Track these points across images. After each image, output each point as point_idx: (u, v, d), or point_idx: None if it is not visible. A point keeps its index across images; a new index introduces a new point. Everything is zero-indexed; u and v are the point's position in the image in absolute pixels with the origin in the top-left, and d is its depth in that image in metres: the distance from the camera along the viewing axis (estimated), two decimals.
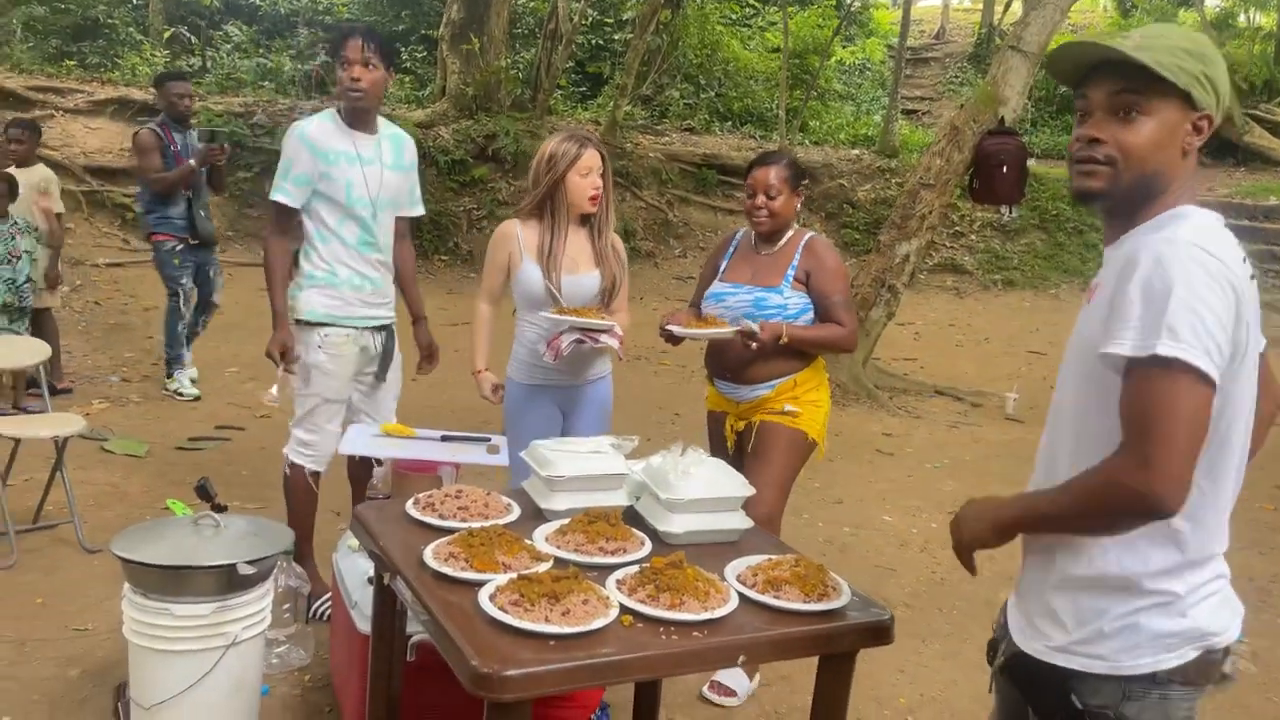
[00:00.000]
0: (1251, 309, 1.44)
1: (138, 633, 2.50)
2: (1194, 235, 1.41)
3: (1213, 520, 1.50)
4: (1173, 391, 1.32)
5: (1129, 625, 1.48)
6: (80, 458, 4.80)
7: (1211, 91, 1.46)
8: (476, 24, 11.99)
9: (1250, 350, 1.46)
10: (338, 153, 3.29)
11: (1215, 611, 1.50)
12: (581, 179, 3.14)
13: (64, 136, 10.28)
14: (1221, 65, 1.47)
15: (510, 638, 1.71)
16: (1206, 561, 1.51)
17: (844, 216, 12.85)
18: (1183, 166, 1.48)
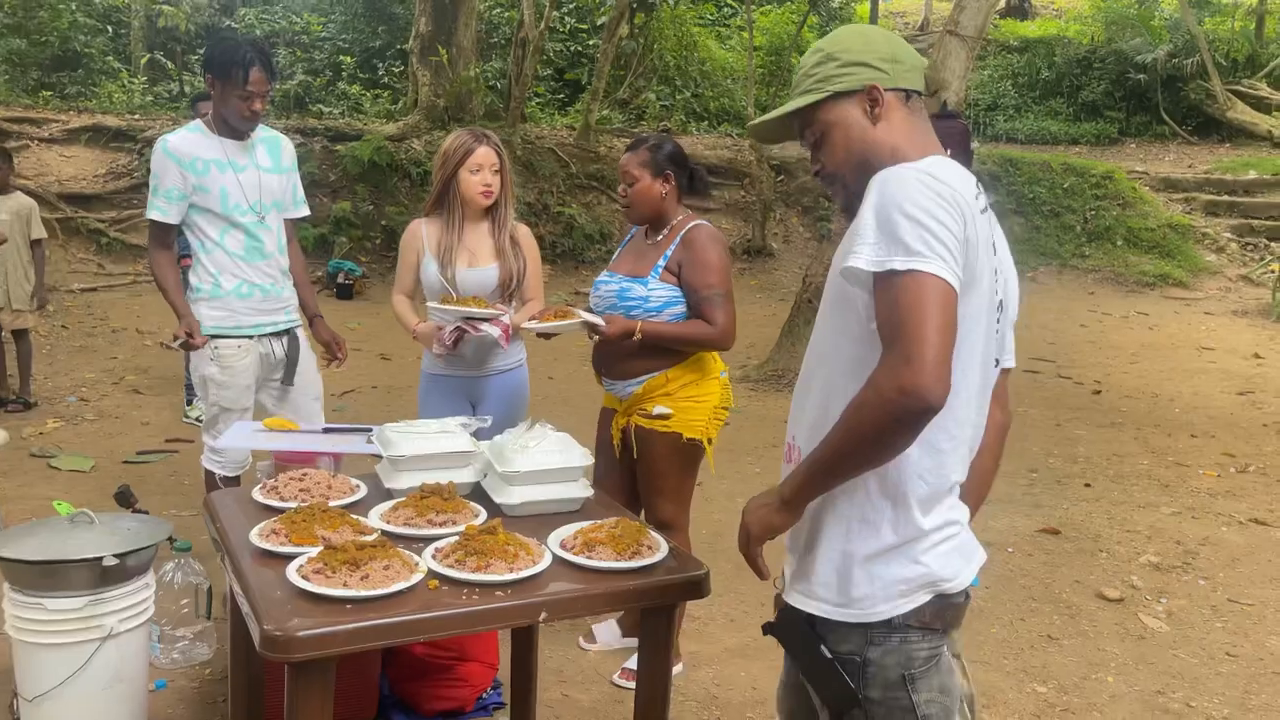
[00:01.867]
0: (983, 241, 1.48)
1: (18, 628, 2.57)
2: (920, 164, 1.48)
3: (948, 449, 1.53)
4: (918, 293, 1.36)
5: (868, 574, 1.52)
6: (24, 474, 4.89)
7: (858, 67, 1.56)
8: (445, 36, 12.12)
9: (982, 279, 1.48)
10: (207, 161, 3.28)
11: (947, 557, 1.55)
12: (472, 175, 3.19)
13: (39, 165, 10.45)
14: (854, 41, 1.59)
15: (308, 603, 1.77)
16: (937, 504, 1.54)
17: (820, 210, 12.89)
18: (884, 130, 1.56)
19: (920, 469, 1.51)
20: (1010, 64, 17.39)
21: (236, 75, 3.21)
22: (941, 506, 1.55)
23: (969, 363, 1.51)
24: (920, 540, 1.52)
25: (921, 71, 1.61)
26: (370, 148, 10.90)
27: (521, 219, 3.50)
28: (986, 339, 1.55)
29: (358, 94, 13.62)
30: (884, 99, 1.55)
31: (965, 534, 1.60)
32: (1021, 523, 4.73)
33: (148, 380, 6.87)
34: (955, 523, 1.58)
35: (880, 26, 1.62)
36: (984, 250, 1.49)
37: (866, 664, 1.53)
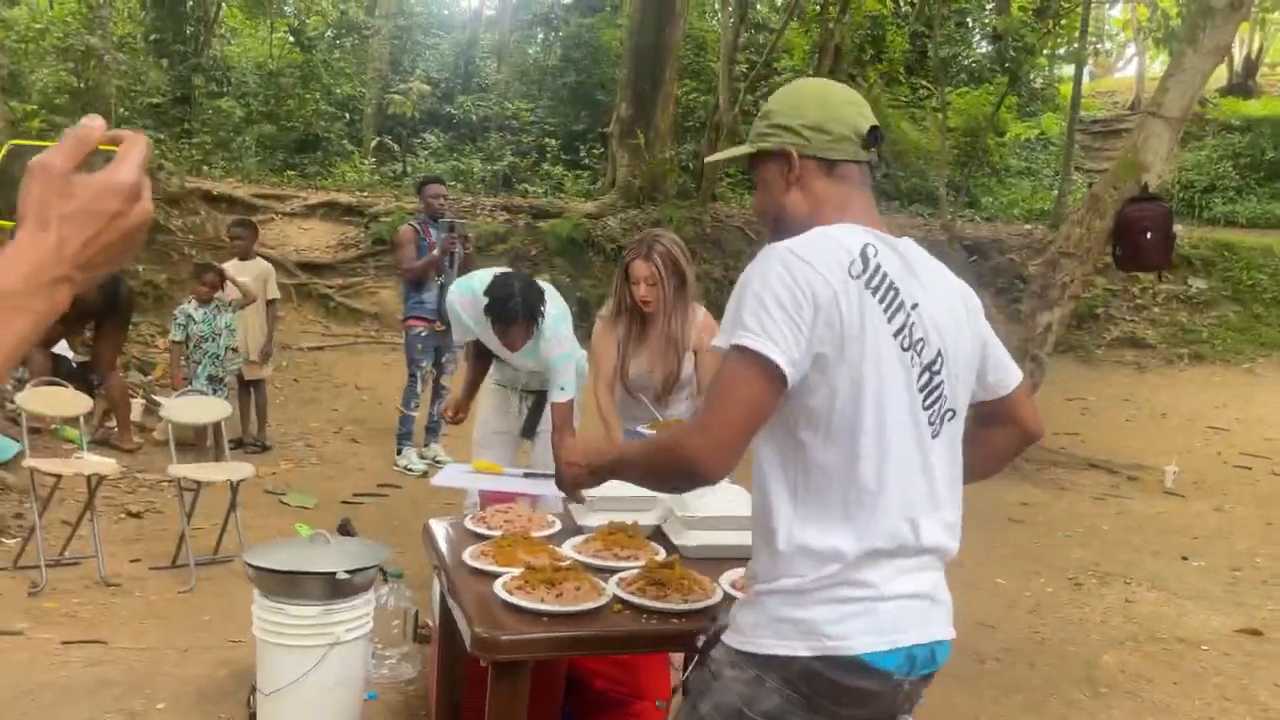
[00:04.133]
0: (864, 309, 1.46)
1: (262, 629, 2.97)
2: (789, 243, 1.50)
3: (839, 513, 1.48)
4: (735, 372, 1.43)
5: (757, 604, 1.54)
6: (261, 507, 5.50)
7: (782, 131, 1.61)
8: (644, 120, 12.77)
9: (869, 347, 1.46)
10: (485, 335, 3.78)
11: (839, 618, 1.48)
12: (634, 287, 3.41)
13: (281, 236, 11.67)
14: (786, 104, 1.63)
15: (511, 614, 2.03)
16: (828, 560, 1.48)
17: (1014, 291, 12.60)
18: (799, 195, 1.61)
19: (790, 521, 1.50)
20: (1231, 144, 16.53)
21: (500, 325, 3.57)
22: (838, 563, 1.48)
23: (871, 428, 1.47)
24: (799, 589, 1.49)
25: (855, 143, 1.60)
26: (570, 225, 11.57)
27: (708, 295, 3.71)
28: (906, 399, 1.51)
29: (560, 174, 14.47)
30: (797, 166, 1.59)
31: (887, 605, 1.50)
32: (1219, 621, 4.53)
33: (364, 431, 7.53)
34: (853, 584, 1.48)
35: (841, 90, 1.68)
36: (868, 317, 1.47)
37: (717, 676, 1.53)
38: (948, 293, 1.62)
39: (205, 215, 11.37)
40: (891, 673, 1.49)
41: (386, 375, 9.37)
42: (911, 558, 1.53)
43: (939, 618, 1.58)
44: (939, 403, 1.55)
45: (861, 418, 1.47)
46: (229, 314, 6.41)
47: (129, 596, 4.16)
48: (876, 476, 1.48)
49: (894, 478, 1.49)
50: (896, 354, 1.50)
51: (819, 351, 1.45)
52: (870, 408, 1.47)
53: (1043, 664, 3.95)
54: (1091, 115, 18.74)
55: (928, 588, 1.56)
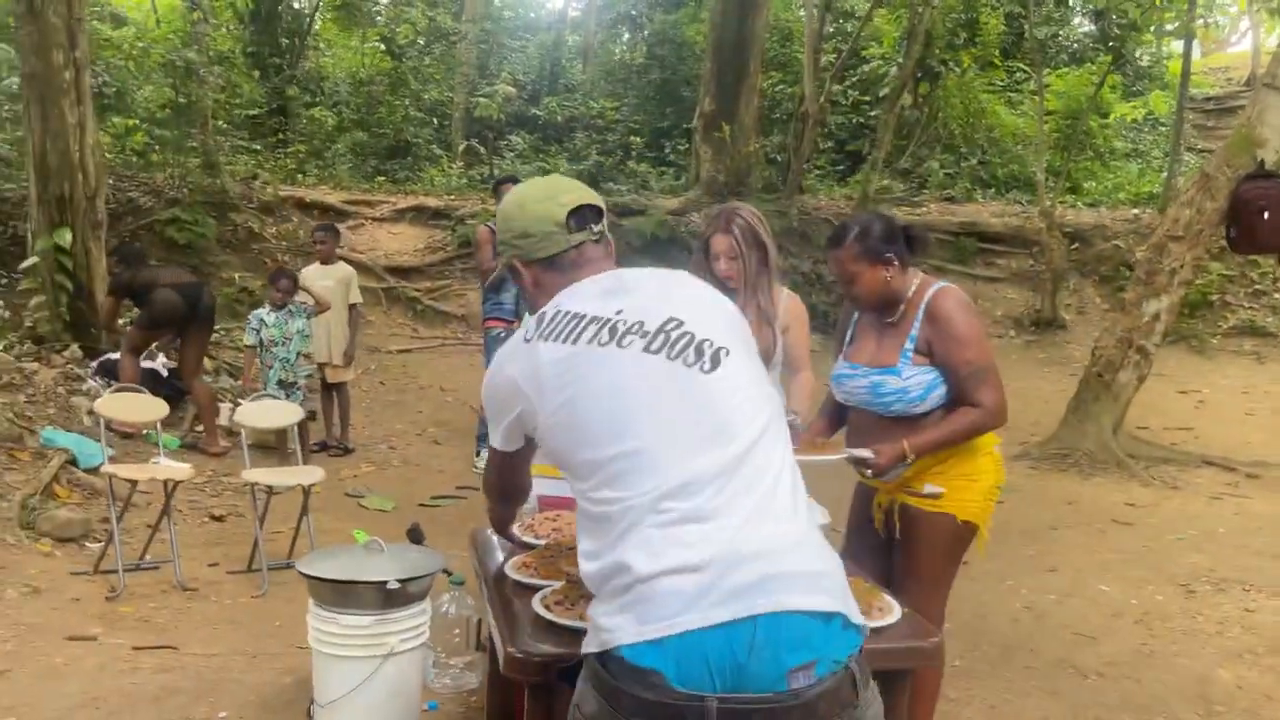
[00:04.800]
0: (526, 368, 1.64)
1: (317, 639, 2.91)
2: (503, 349, 1.75)
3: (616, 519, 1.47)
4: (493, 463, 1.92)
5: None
6: (339, 511, 5.52)
7: (505, 245, 1.82)
8: (728, 113, 12.57)
9: (549, 388, 1.59)
10: None
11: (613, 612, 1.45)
12: (714, 262, 3.24)
13: (370, 241, 11.85)
14: (501, 221, 1.82)
15: (548, 631, 1.90)
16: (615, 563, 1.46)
17: (1119, 279, 11.99)
18: (539, 297, 1.77)
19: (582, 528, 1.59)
20: None
21: None
22: (607, 550, 1.48)
23: (601, 435, 1.52)
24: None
25: (560, 231, 1.73)
26: (654, 222, 11.45)
27: (797, 289, 3.49)
28: (647, 368, 1.54)
29: (645, 172, 14.36)
30: (525, 271, 1.79)
31: (642, 587, 1.39)
32: None
33: (446, 433, 7.55)
34: (622, 567, 1.43)
35: (539, 186, 1.83)
36: (542, 361, 1.61)
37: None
38: (662, 283, 1.72)
39: (298, 222, 11.63)
40: (661, 673, 1.32)
41: (471, 377, 9.39)
42: (693, 523, 1.39)
43: (771, 585, 1.35)
44: (689, 345, 1.55)
45: (589, 431, 1.54)
46: (302, 319, 6.44)
47: (204, 601, 4.19)
48: (638, 479, 1.46)
49: (652, 436, 1.49)
50: (595, 354, 1.57)
51: (525, 419, 1.66)
52: (596, 421, 1.53)
53: (1151, 679, 3.65)
54: (1203, 92, 17.80)
55: (749, 549, 1.37)
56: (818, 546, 1.45)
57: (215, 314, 6.74)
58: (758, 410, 1.53)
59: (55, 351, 7.09)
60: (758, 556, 1.36)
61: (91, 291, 7.42)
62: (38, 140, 7.22)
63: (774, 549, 1.38)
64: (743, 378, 1.56)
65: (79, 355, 7.10)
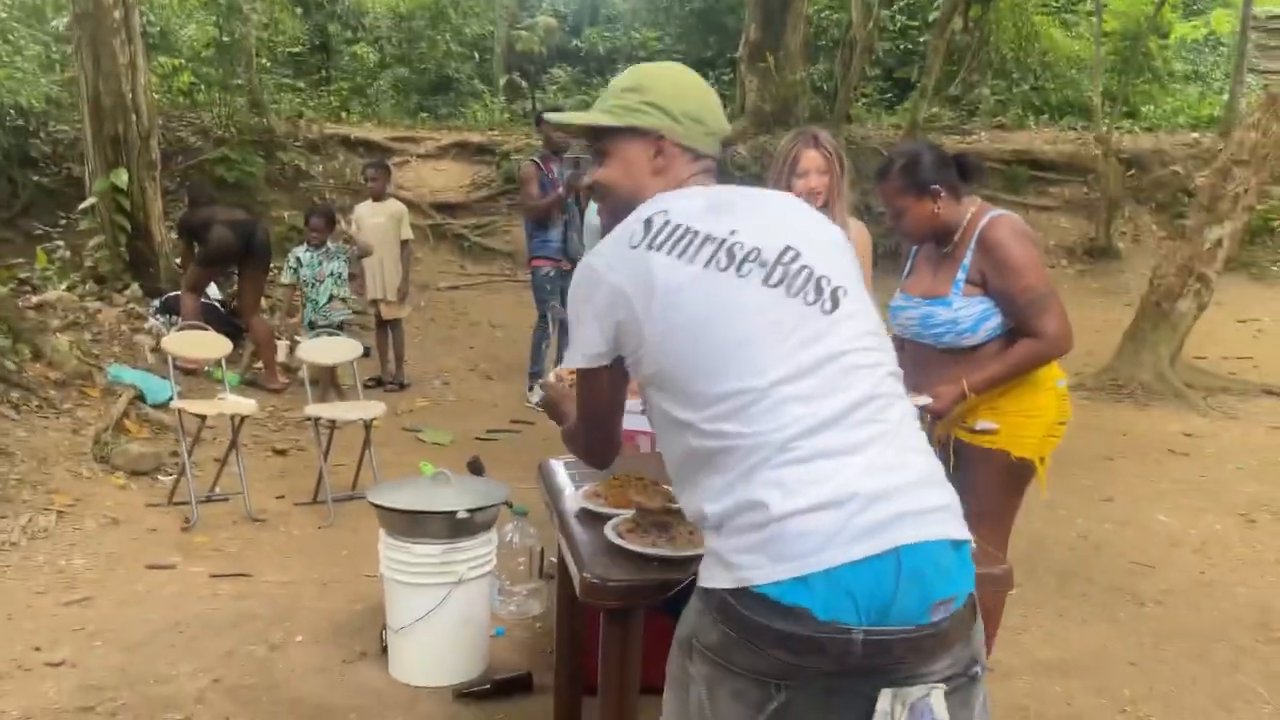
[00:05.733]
0: (639, 276, 1.48)
1: (389, 568, 3.01)
2: (597, 248, 1.57)
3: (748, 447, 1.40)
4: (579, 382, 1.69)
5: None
6: (397, 444, 5.64)
7: (658, 112, 1.61)
8: (774, 42, 12.33)
9: (663, 305, 1.46)
10: None
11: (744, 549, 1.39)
12: (799, 179, 3.22)
13: (416, 179, 11.87)
14: (666, 86, 1.63)
15: (621, 558, 1.95)
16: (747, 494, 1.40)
17: (1178, 206, 11.71)
18: (661, 182, 1.62)
19: (699, 456, 1.47)
20: None
21: None
22: (735, 486, 1.42)
23: (723, 369, 1.44)
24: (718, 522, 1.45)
25: (717, 140, 1.64)
26: None
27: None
28: (760, 301, 1.47)
29: None
30: (668, 151, 1.61)
31: (780, 525, 1.35)
32: None
33: (497, 368, 7.63)
34: (757, 505, 1.38)
35: (712, 93, 1.68)
36: (656, 273, 1.48)
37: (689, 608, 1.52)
38: (774, 206, 1.63)
39: (344, 160, 11.67)
40: (809, 610, 1.31)
41: (521, 313, 9.43)
42: (825, 459, 1.38)
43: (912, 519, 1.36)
44: (808, 281, 1.50)
45: (714, 354, 1.46)
46: (339, 260, 6.41)
47: (273, 531, 4.32)
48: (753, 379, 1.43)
49: (776, 373, 1.43)
50: (715, 280, 1.48)
51: (622, 332, 1.52)
52: (726, 339, 1.46)
53: (1209, 607, 3.65)
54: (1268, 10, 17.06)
55: (878, 486, 1.37)
56: (941, 478, 1.47)
57: (270, 251, 6.82)
58: (878, 347, 1.52)
59: (116, 291, 7.24)
60: (892, 490, 1.37)
61: (149, 231, 7.55)
62: (90, 81, 7.29)
63: (906, 482, 1.39)
64: (860, 316, 1.53)
65: (139, 294, 7.25)
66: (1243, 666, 3.23)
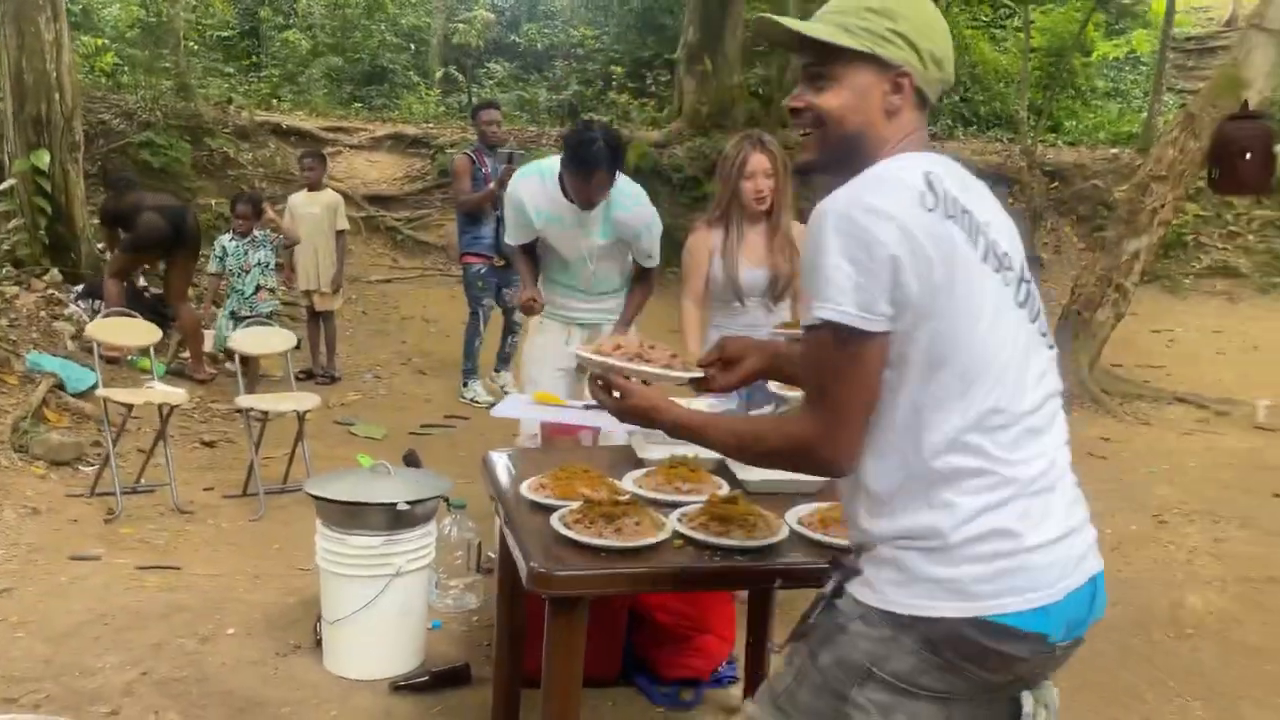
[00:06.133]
0: (941, 245, 1.36)
1: (325, 559, 2.98)
2: (853, 191, 1.38)
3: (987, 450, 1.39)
4: (833, 352, 1.37)
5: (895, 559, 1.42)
6: (329, 438, 5.57)
7: (905, 46, 1.43)
8: (712, 45, 12.42)
9: (956, 284, 1.36)
10: (547, 216, 3.61)
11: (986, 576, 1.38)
12: (747, 182, 3.32)
13: (349, 169, 11.69)
14: (918, 17, 1.45)
15: (568, 548, 1.97)
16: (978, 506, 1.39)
17: (1098, 219, 12.10)
18: (890, 126, 1.46)
19: (945, 469, 1.39)
20: None
21: (582, 171, 3.42)
22: (987, 512, 1.39)
23: (970, 368, 1.38)
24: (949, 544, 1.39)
25: (941, 87, 1.51)
26: (635, 154, 11.35)
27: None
28: (1015, 323, 1.44)
29: (626, 102, 14.21)
30: (906, 92, 1.44)
31: (1028, 556, 1.38)
32: None
33: (430, 363, 7.57)
34: (1008, 534, 1.38)
35: (945, 25, 1.51)
36: (956, 251, 1.38)
37: (843, 630, 1.44)
38: (994, 203, 1.52)
39: (275, 148, 11.45)
40: (1045, 635, 1.39)
41: (454, 308, 9.36)
42: (1050, 494, 1.43)
43: (1091, 551, 1.49)
44: (1039, 312, 1.50)
45: (986, 361, 1.40)
46: (265, 250, 6.32)
47: (201, 524, 4.24)
48: (1010, 405, 1.41)
49: (1028, 403, 1.42)
50: (990, 278, 1.42)
51: (905, 300, 1.35)
52: (998, 354, 1.40)
53: (1125, 604, 3.79)
54: (1185, 32, 17.73)
55: (1076, 521, 1.47)
56: None
57: (200, 238, 6.67)
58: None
59: (35, 275, 7.01)
60: (1081, 524, 1.48)
61: (71, 215, 7.32)
62: (13, 58, 7.04)
63: (1084, 517, 1.51)
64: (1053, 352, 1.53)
65: (59, 279, 7.03)
66: (1156, 660, 3.37)
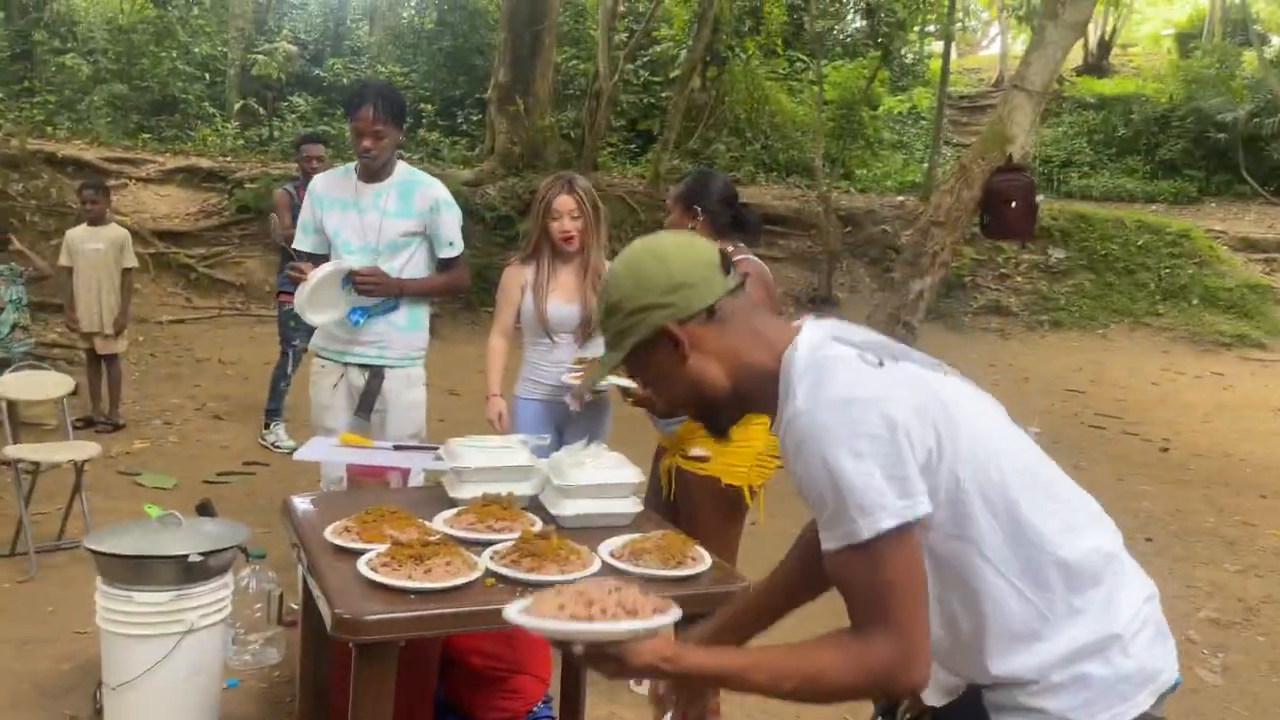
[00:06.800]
0: (914, 386, 1.33)
1: (106, 619, 2.75)
2: (810, 403, 1.30)
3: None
4: (891, 560, 1.26)
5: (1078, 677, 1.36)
6: (112, 490, 5.17)
7: (640, 313, 1.42)
8: (523, 86, 12.52)
9: (949, 406, 1.34)
10: (333, 200, 3.48)
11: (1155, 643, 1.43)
12: (554, 222, 3.35)
13: (135, 203, 11.01)
14: (628, 281, 1.43)
15: (376, 592, 1.91)
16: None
17: (887, 261, 12.92)
18: (700, 363, 1.42)
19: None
20: (1086, 121, 17.31)
21: (352, 112, 3.37)
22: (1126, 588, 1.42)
23: (1020, 486, 1.36)
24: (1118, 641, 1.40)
25: (718, 272, 1.42)
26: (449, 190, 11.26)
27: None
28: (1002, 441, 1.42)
29: (436, 140, 14.09)
30: (681, 334, 1.40)
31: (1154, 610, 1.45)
32: None
33: (228, 407, 7.18)
34: (1150, 598, 1.45)
35: (668, 240, 1.49)
36: (922, 378, 1.36)
37: None
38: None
39: (49, 179, 10.64)
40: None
41: (254, 349, 8.95)
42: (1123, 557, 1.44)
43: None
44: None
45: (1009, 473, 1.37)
46: (19, 287, 5.87)
47: None
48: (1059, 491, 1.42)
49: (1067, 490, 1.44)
50: (951, 380, 1.42)
51: (930, 457, 1.31)
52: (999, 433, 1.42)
53: None
54: (959, 91, 19.32)
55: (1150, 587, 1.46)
56: None
57: None
58: None
59: None
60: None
61: None
62: None
63: None
64: None
65: None
66: None
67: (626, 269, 1.45)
